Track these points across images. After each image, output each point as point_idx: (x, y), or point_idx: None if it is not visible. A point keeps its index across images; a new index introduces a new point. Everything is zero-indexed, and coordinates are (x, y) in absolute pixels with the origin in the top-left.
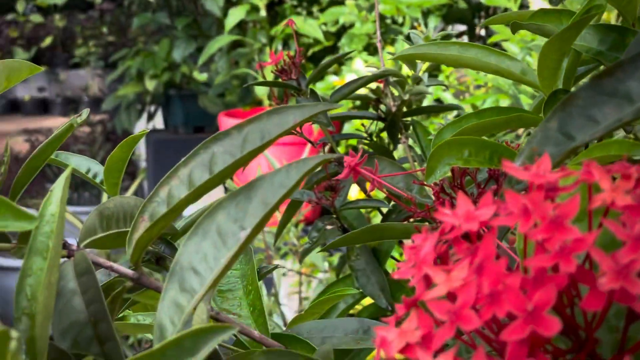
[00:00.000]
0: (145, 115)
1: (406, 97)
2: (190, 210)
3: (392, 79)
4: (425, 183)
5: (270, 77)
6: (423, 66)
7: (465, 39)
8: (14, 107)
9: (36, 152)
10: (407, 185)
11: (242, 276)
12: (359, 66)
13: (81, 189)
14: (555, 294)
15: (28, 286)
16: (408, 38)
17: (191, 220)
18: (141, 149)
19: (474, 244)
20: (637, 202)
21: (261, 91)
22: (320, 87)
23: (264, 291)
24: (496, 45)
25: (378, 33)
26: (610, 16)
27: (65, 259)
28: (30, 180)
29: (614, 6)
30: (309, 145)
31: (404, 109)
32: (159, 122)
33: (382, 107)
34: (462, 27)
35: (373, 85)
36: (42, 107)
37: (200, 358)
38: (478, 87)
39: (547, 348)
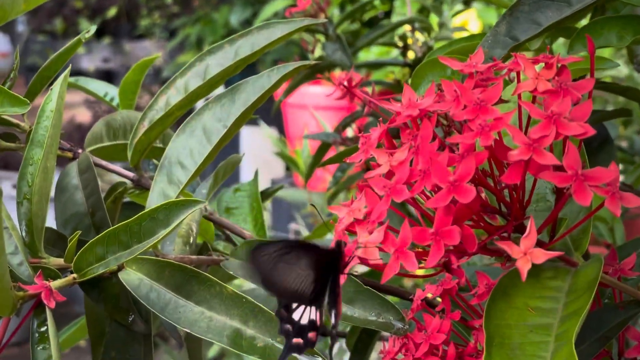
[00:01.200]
0: None
1: (432, 43)
2: None
3: (418, 25)
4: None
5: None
6: (449, 13)
7: None
8: (78, 75)
9: (47, 63)
10: None
11: (248, 196)
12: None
13: None
14: (474, 166)
15: (29, 174)
16: None
17: None
18: None
19: (416, 129)
20: (555, 88)
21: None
22: (375, 53)
23: None
24: None
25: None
26: None
27: (72, 160)
28: (42, 89)
29: None
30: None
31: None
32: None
33: (410, 53)
34: None
35: (399, 32)
36: (107, 78)
37: (172, 227)
38: None
39: (478, 224)
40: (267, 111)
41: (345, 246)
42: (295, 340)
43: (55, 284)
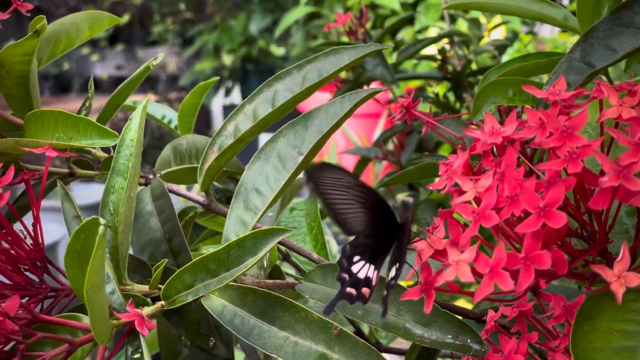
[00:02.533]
0: (222, 91)
1: (471, 56)
2: None
3: (457, 39)
4: (473, 122)
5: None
6: (488, 25)
7: None
8: (94, 86)
9: (116, 92)
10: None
11: (306, 215)
12: (434, 31)
13: None
14: (563, 192)
15: (111, 202)
16: None
17: None
18: (218, 124)
19: (499, 157)
20: None
21: None
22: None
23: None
24: None
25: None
26: None
27: (143, 186)
28: (112, 116)
29: None
30: (384, 116)
31: (469, 69)
32: (236, 97)
33: (449, 66)
34: None
35: (439, 46)
36: (120, 85)
37: (259, 257)
38: None
39: (563, 248)
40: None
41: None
42: (348, 289)
43: (146, 311)
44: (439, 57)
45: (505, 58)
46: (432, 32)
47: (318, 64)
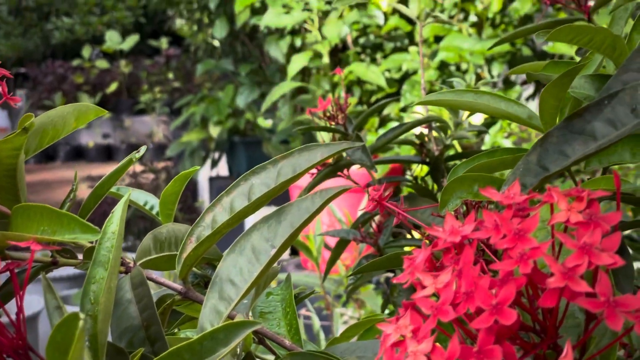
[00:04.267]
0: (209, 162)
1: (448, 141)
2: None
3: (435, 125)
4: (441, 214)
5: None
6: (464, 112)
7: (531, 86)
8: (79, 154)
9: (100, 183)
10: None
11: (282, 300)
12: (419, 109)
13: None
14: (514, 291)
15: (92, 292)
16: (450, 85)
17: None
18: (204, 196)
19: (458, 254)
20: (586, 220)
21: (324, 137)
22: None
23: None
24: None
25: (422, 81)
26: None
27: (123, 274)
28: (94, 207)
29: (608, 58)
30: (365, 198)
31: (447, 153)
32: (223, 168)
33: (427, 151)
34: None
35: (417, 130)
36: (106, 153)
37: (231, 347)
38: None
39: (515, 342)
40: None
41: None
42: None
43: None
44: (417, 141)
45: (487, 138)
46: (417, 109)
47: (292, 159)
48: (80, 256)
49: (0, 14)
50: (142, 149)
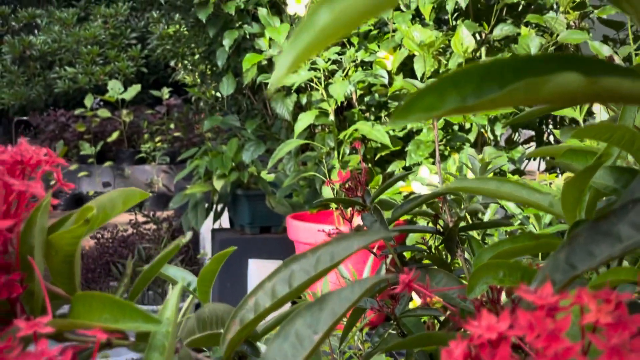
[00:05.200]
0: (211, 214)
1: (462, 213)
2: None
3: (449, 197)
4: (468, 297)
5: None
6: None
7: (533, 145)
8: (79, 202)
9: (150, 267)
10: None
11: None
12: (425, 173)
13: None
14: None
15: None
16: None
17: (269, 325)
18: (207, 247)
19: (494, 349)
20: (615, 321)
21: (328, 194)
22: (386, 192)
23: None
24: None
25: (437, 155)
26: (631, 159)
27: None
28: (143, 288)
29: (627, 152)
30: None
31: (460, 224)
32: (224, 220)
33: (440, 222)
34: (530, 133)
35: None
36: None
37: None
38: None
39: None
40: (275, 243)
41: None
42: None
43: None
44: (431, 212)
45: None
46: (422, 170)
47: (330, 248)
48: (131, 337)
49: (4, 62)
50: (188, 236)
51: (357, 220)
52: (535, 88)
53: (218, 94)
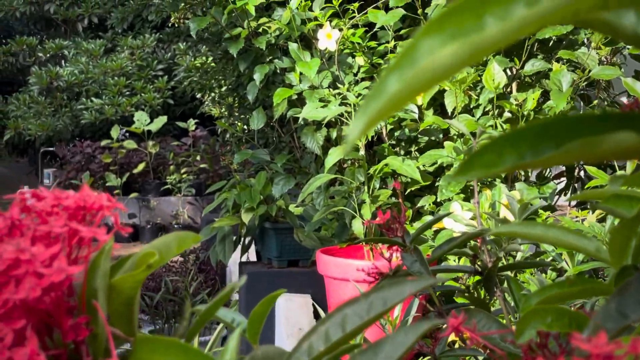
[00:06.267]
0: (239, 247)
1: (501, 254)
2: None
3: (488, 238)
4: (517, 342)
5: (367, 213)
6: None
7: (564, 180)
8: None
9: (207, 309)
10: (501, 337)
11: None
12: (457, 209)
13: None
14: None
15: None
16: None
17: None
18: (234, 280)
19: None
20: None
21: (358, 229)
22: (412, 225)
23: None
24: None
25: (476, 195)
26: None
27: None
28: (199, 330)
29: None
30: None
31: (499, 264)
32: (251, 253)
33: (478, 261)
34: (561, 167)
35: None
36: (132, 233)
37: None
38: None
39: None
40: (302, 277)
41: None
42: None
43: None
44: (470, 252)
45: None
46: (454, 206)
47: (383, 293)
48: None
49: (31, 93)
50: (242, 280)
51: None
52: (591, 147)
53: (245, 126)
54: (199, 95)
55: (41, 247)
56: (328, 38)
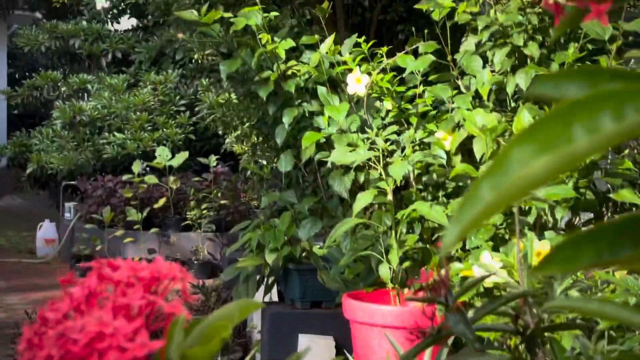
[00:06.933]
0: (262, 287)
1: (544, 315)
2: None
3: (530, 299)
4: None
5: (395, 258)
6: (560, 285)
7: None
8: None
9: None
10: None
11: None
12: (486, 259)
13: None
14: None
15: None
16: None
17: None
18: (255, 320)
19: None
20: None
21: (384, 273)
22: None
23: None
24: None
25: (517, 247)
26: None
27: None
28: None
29: None
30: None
31: (542, 325)
32: (275, 293)
33: (520, 321)
34: (589, 215)
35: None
36: None
37: None
38: (606, 283)
39: None
40: (326, 319)
41: None
42: None
43: None
44: (512, 312)
45: None
46: (485, 256)
47: None
48: None
49: (54, 127)
50: (305, 351)
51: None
52: None
53: (266, 163)
54: (220, 131)
55: (123, 321)
56: (357, 82)
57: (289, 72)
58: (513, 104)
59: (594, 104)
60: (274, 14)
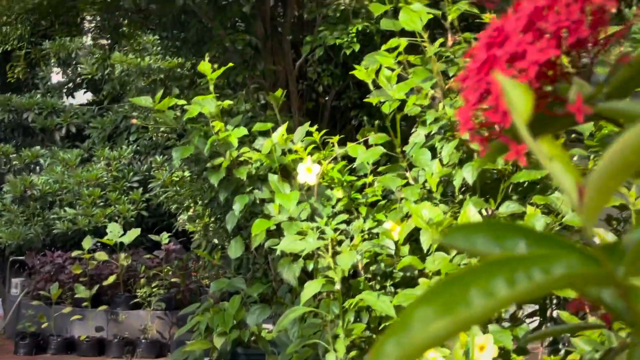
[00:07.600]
0: None
1: None
2: None
3: None
4: None
5: (341, 347)
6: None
7: (536, 319)
8: (70, 347)
9: None
10: None
11: None
12: (430, 354)
13: None
14: None
15: None
16: None
17: None
18: None
19: None
20: None
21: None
22: None
23: None
24: None
25: (459, 351)
26: None
27: None
28: None
29: None
30: None
31: None
32: None
33: None
34: (534, 306)
35: None
36: (98, 347)
37: None
38: None
39: None
40: None
41: None
42: None
43: None
44: None
45: None
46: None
47: None
48: None
49: (4, 201)
50: None
51: None
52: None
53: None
54: (173, 209)
55: None
56: (308, 172)
57: (241, 159)
58: (460, 197)
59: (489, 269)
60: (227, 102)
